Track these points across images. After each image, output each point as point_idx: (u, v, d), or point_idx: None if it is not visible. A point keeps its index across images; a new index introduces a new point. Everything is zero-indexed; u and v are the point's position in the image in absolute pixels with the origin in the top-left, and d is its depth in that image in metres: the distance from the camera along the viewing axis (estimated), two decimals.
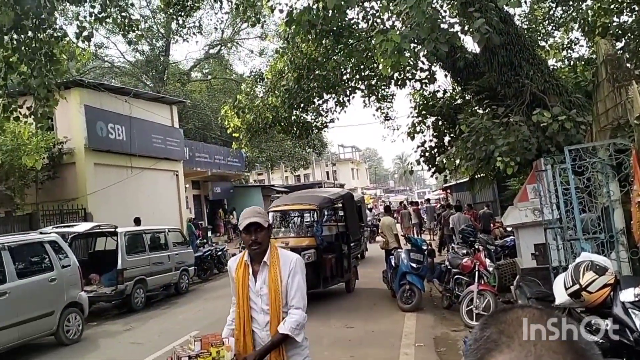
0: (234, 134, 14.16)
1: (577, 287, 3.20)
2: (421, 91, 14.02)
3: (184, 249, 13.67)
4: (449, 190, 29.51)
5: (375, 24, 11.05)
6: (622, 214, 5.80)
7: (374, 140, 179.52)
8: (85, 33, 9.45)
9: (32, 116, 9.51)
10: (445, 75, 12.67)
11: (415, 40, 8.57)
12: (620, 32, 9.17)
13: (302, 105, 13.47)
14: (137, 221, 14.23)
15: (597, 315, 3.25)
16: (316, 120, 15.57)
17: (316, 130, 16.44)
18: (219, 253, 16.55)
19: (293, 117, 14.36)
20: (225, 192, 27.19)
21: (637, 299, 3.19)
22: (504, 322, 0.76)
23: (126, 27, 10.39)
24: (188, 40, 27.89)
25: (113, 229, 11.36)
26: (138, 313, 10.79)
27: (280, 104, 12.70)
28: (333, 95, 14.25)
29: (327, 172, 56.92)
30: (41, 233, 9.47)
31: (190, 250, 14.08)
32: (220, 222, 25.65)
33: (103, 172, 16.05)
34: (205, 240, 17.94)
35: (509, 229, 10.20)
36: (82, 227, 11.69)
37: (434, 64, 12.40)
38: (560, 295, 3.36)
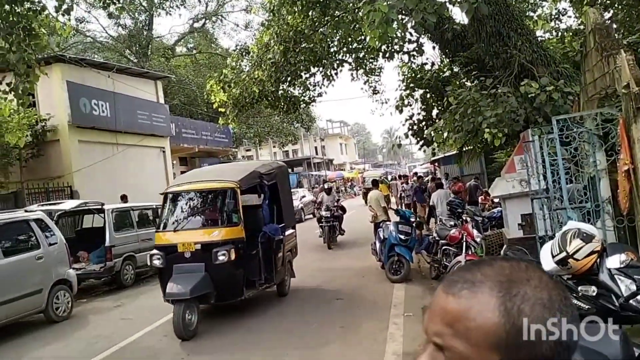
0: (220, 109, 14.00)
1: (564, 254, 3.22)
2: (409, 64, 13.89)
3: None
4: (436, 164, 29.64)
5: None
6: (607, 183, 5.86)
7: (362, 115, 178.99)
8: (64, 6, 9.18)
9: (13, 92, 9.29)
10: (434, 47, 12.59)
11: (403, 11, 8.44)
12: (608, 1, 9.11)
13: (289, 79, 13.31)
14: (124, 198, 14.11)
15: (583, 282, 3.30)
16: (303, 94, 15.43)
17: (304, 105, 16.30)
18: None
19: (280, 92, 14.20)
20: None
21: (622, 266, 3.23)
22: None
23: (107, 0, 10.11)
24: (171, 14, 27.25)
25: (100, 206, 11.26)
26: (128, 289, 10.79)
27: (266, 77, 12.54)
28: (320, 69, 14.09)
29: (316, 148, 56.82)
30: (26, 211, 9.35)
31: None
32: None
33: (88, 149, 15.82)
34: None
35: (496, 200, 10.28)
36: (69, 204, 11.57)
37: (422, 36, 12.26)
38: (547, 263, 3.38)
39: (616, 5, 9.43)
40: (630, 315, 3.07)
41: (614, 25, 8.61)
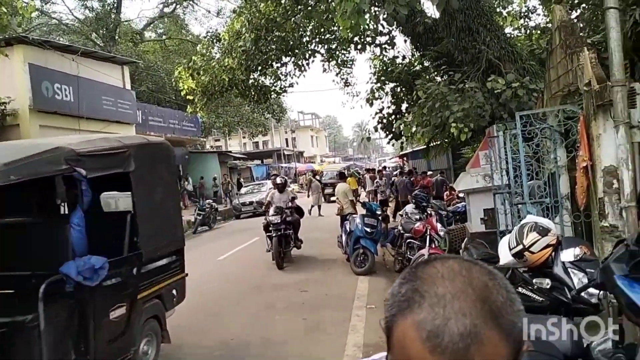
0: (188, 97, 13.75)
1: (520, 247, 3.25)
2: (381, 57, 13.93)
3: None
4: (405, 158, 29.93)
5: None
6: (567, 179, 5.97)
7: (334, 107, 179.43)
8: None
9: None
10: (405, 41, 12.64)
11: (376, 3, 8.43)
12: (575, 0, 9.27)
13: (259, 67, 13.18)
14: None
15: (538, 275, 3.33)
16: (275, 84, 15.30)
17: (275, 95, 16.17)
18: None
19: (251, 80, 14.06)
20: (180, 158, 26.51)
21: (576, 259, 3.28)
22: (420, 278, 0.74)
23: None
24: None
25: None
26: None
27: (237, 66, 12.37)
28: (292, 59, 13.99)
29: (287, 139, 56.63)
30: None
31: None
32: None
33: (49, 134, 15.24)
34: None
35: (461, 195, 10.42)
36: None
37: (394, 28, 12.31)
38: (505, 256, 3.41)
39: (583, 5, 9.61)
40: (581, 307, 3.12)
41: (580, 24, 8.76)
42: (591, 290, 2.98)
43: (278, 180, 11.84)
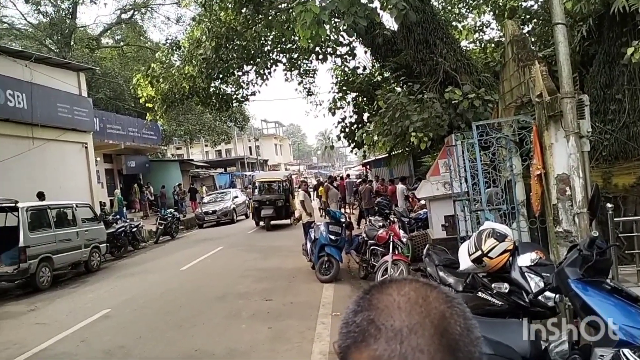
0: (147, 104, 13.52)
1: (479, 253, 3.38)
2: (342, 67, 14.10)
3: (95, 225, 12.97)
4: (368, 166, 30.29)
5: None
6: (523, 187, 6.23)
7: (297, 116, 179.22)
8: None
9: None
10: (365, 52, 12.84)
11: (336, 14, 8.56)
12: (527, 16, 9.70)
13: (220, 75, 13.10)
14: (41, 196, 13.25)
15: (497, 279, 3.47)
16: (236, 92, 15.23)
17: (237, 103, 16.09)
18: (134, 229, 15.93)
19: (212, 88, 13.95)
20: (141, 166, 26.04)
21: (532, 264, 3.43)
22: (377, 308, 0.71)
23: None
24: (97, 2, 25.81)
25: (13, 204, 10.52)
26: (44, 293, 10.19)
27: (197, 73, 12.26)
28: (253, 67, 13.97)
29: (250, 148, 56.28)
30: None
31: (101, 227, 13.39)
32: (135, 197, 24.57)
33: (1, 143, 14.71)
34: (118, 216, 17.12)
35: (422, 202, 10.64)
36: None
37: (355, 40, 12.50)
38: (464, 261, 3.54)
39: (534, 21, 10.08)
40: (539, 310, 3.27)
41: (532, 39, 9.16)
42: (547, 293, 3.12)
43: None
